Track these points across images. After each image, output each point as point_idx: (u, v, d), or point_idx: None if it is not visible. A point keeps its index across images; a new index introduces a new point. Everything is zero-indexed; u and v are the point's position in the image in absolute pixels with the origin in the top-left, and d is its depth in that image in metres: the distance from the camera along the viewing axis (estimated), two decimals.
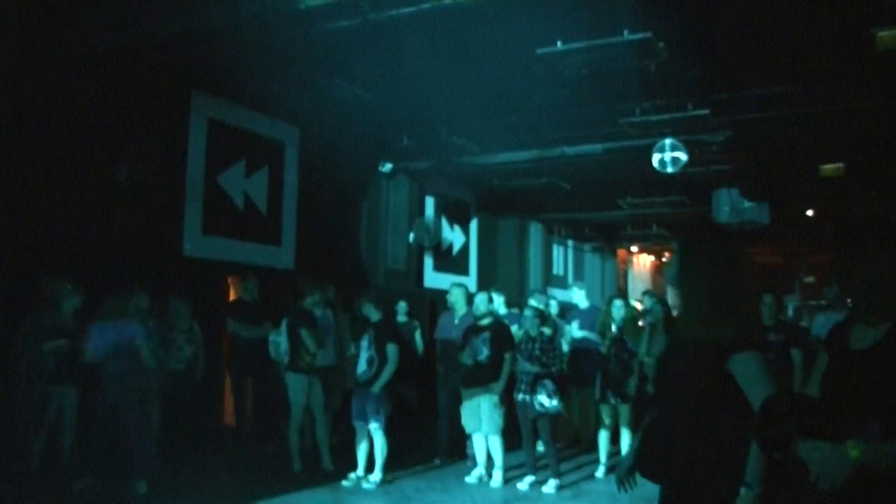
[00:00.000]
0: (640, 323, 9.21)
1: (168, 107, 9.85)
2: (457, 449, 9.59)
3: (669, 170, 10.54)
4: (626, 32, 7.67)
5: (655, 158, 10.48)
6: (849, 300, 2.98)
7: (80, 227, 8.60)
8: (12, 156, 8.00)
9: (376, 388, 8.23)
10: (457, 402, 8.98)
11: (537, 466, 8.61)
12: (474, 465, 8.85)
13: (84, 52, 8.48)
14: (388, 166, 12.87)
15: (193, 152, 10.22)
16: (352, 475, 8.48)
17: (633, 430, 8.56)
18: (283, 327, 8.78)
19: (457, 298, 9.65)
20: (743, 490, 2.93)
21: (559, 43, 8.10)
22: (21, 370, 7.59)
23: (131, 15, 8.14)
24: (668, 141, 10.40)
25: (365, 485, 8.33)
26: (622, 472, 3.52)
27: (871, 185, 13.20)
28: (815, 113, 9.66)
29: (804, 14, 7.42)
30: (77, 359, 7.70)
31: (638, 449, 3.42)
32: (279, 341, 8.84)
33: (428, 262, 14.79)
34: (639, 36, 7.59)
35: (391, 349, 8.29)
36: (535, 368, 8.40)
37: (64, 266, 7.97)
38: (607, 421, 9.02)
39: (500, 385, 8.44)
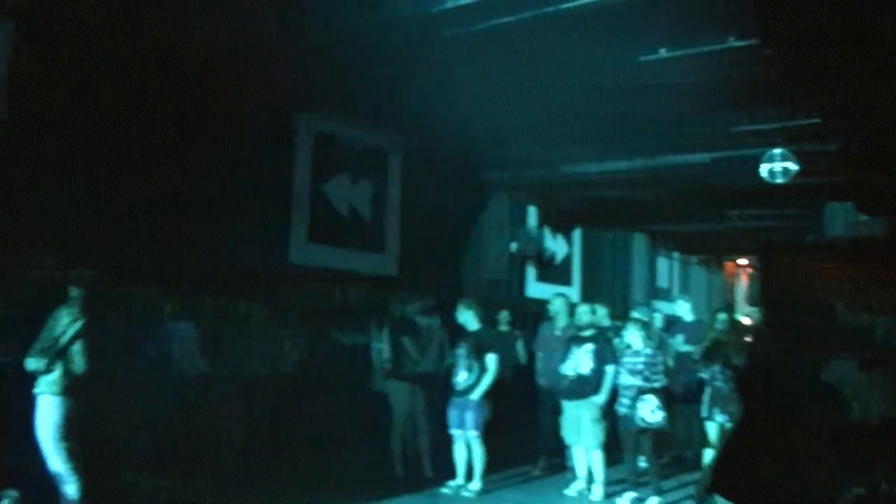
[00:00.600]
0: (748, 339, 8.95)
1: (275, 118, 10.11)
2: (556, 460, 9.52)
3: (779, 180, 10.22)
4: (731, 39, 7.50)
5: (764, 168, 10.18)
6: None
7: (183, 237, 8.92)
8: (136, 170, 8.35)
9: (476, 396, 8.26)
10: (557, 414, 8.92)
11: (638, 483, 8.45)
12: (574, 477, 8.76)
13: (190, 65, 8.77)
14: (491, 175, 12.88)
15: (300, 162, 10.47)
16: (451, 483, 8.51)
17: None
18: (385, 334, 8.88)
19: (559, 309, 9.59)
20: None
21: (663, 50, 7.98)
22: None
23: (240, 27, 8.38)
24: (777, 150, 10.10)
25: (465, 493, 8.34)
26: (700, 491, 3.43)
27: None
28: None
29: None
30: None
31: (715, 466, 3.34)
32: (381, 348, 8.94)
33: (530, 272, 14.74)
34: (746, 42, 7.41)
35: (490, 358, 8.31)
36: (637, 382, 8.26)
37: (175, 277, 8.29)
38: (713, 439, 8.75)
39: (601, 398, 8.33)
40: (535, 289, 14.62)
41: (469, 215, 13.15)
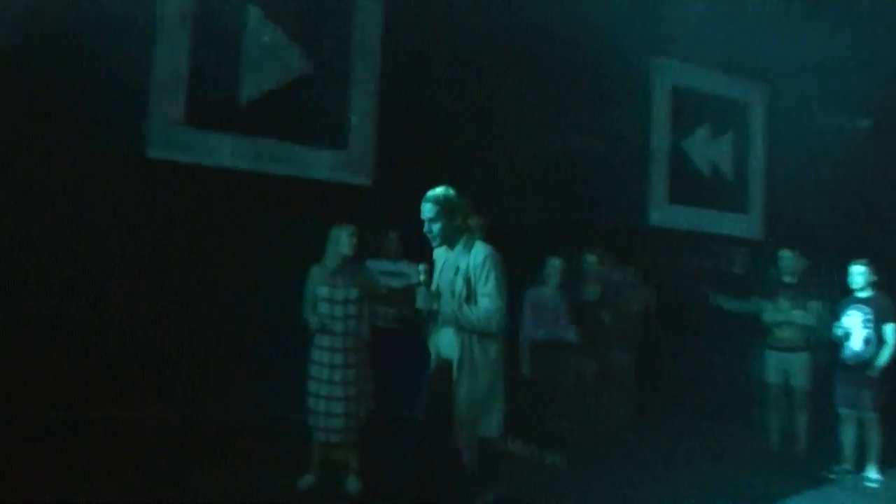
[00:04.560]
0: None
1: (630, 75, 9.69)
2: None
3: None
4: None
5: None
6: None
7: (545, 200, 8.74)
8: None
9: (875, 371, 7.30)
10: None
11: None
12: None
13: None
14: (868, 123, 11.44)
15: (657, 119, 10.02)
16: (836, 467, 7.59)
17: None
18: (760, 301, 8.20)
19: None
20: None
21: None
22: None
23: None
24: None
25: (867, 483, 7.35)
26: None
27: None
28: None
29: None
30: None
31: None
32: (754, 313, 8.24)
33: None
34: None
35: (890, 328, 7.30)
36: None
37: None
38: None
39: None
40: None
41: (847, 169, 11.75)
